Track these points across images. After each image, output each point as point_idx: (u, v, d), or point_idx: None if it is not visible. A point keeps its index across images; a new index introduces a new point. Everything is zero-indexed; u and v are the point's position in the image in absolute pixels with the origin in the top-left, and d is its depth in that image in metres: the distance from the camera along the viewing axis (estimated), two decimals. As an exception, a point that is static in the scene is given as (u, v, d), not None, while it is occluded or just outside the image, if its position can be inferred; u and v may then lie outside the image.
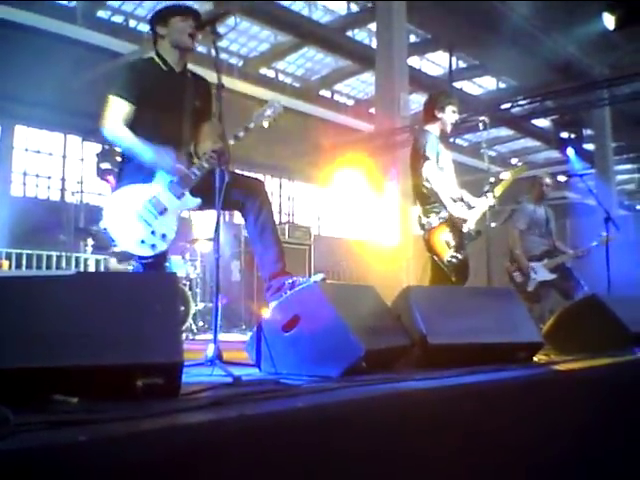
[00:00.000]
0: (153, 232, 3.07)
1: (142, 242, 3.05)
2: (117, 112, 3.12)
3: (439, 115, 4.70)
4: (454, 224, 4.50)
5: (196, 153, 3.33)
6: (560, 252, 6.22)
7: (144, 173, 3.13)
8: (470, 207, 4.65)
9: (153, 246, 3.06)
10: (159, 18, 3.27)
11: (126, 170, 3.19)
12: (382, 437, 1.76)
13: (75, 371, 1.59)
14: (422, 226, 4.62)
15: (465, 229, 4.51)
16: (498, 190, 4.66)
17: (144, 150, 3.09)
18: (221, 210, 2.75)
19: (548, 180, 6.36)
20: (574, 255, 6.26)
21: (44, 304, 1.69)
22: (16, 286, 1.74)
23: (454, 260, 4.46)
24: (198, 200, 3.16)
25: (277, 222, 3.38)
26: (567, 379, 2.65)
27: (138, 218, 3.07)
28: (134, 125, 3.15)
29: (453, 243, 4.48)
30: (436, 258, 4.55)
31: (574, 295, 5.91)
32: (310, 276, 8.59)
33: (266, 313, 2.65)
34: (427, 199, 4.59)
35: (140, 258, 3.11)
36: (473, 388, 2.19)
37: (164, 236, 3.09)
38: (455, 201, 4.58)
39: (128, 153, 3.20)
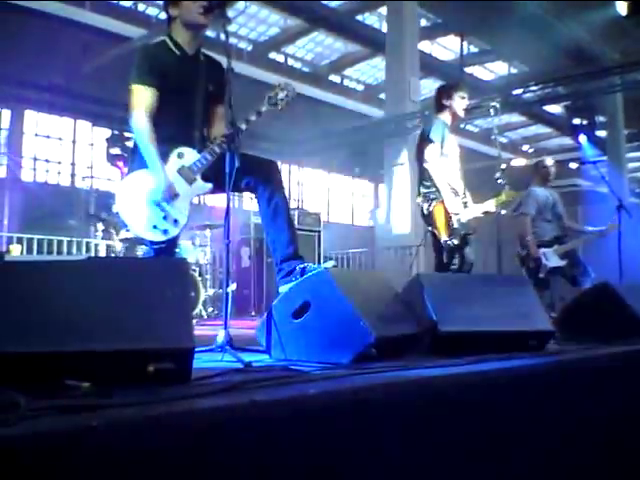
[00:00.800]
0: (165, 217, 3.07)
1: (154, 227, 3.06)
2: (144, 102, 3.10)
3: (447, 103, 4.76)
4: (446, 210, 4.50)
5: (208, 137, 3.31)
6: (573, 232, 6.19)
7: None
8: (466, 206, 4.64)
9: (165, 231, 3.07)
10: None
11: (138, 155, 3.18)
12: (393, 424, 1.76)
13: (86, 356, 1.60)
14: (425, 197, 4.61)
15: (464, 219, 4.50)
16: (497, 202, 4.63)
17: (152, 160, 3.06)
18: (234, 193, 2.76)
19: (549, 162, 6.33)
20: (594, 236, 6.21)
21: (55, 288, 1.69)
22: (28, 270, 1.74)
23: (450, 243, 4.46)
24: (210, 185, 3.16)
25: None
26: (578, 368, 2.64)
27: (149, 203, 3.06)
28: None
29: (454, 225, 4.48)
30: (436, 233, 4.56)
31: (582, 281, 5.90)
32: (320, 263, 8.63)
33: (277, 298, 2.65)
34: (425, 182, 4.62)
35: (152, 243, 3.12)
36: (484, 376, 2.18)
37: (176, 221, 3.09)
38: (456, 192, 4.57)
39: (139, 147, 3.17)
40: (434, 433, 1.89)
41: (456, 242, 4.45)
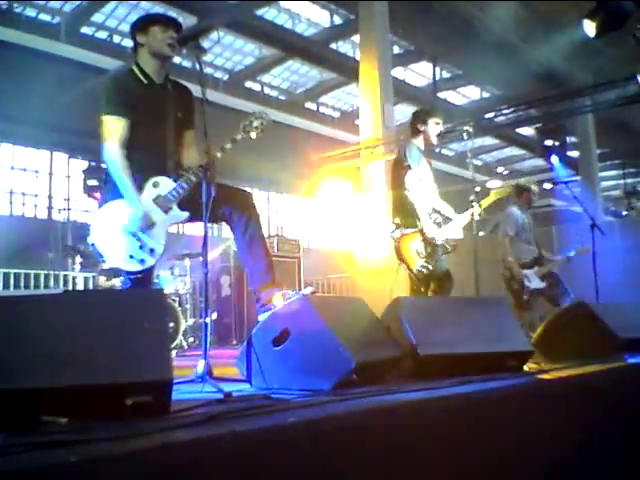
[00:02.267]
0: (141, 247, 3.03)
1: (130, 257, 3.02)
2: (115, 133, 3.09)
3: (422, 128, 4.83)
4: (425, 236, 4.54)
5: (181, 164, 3.30)
6: (546, 258, 6.26)
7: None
8: (445, 221, 4.68)
9: (142, 261, 3.03)
10: (139, 26, 3.25)
11: (112, 186, 3.14)
12: (374, 450, 1.76)
13: (64, 391, 1.58)
14: (392, 234, 4.66)
15: (439, 242, 4.53)
16: (483, 204, 4.70)
17: (127, 189, 3.05)
18: (210, 222, 2.76)
19: (535, 188, 6.42)
20: (561, 262, 6.31)
21: (32, 324, 1.68)
22: (3, 306, 1.72)
23: (424, 270, 4.47)
24: (186, 214, 3.14)
25: (266, 235, 3.38)
26: (557, 387, 2.66)
27: (126, 233, 3.03)
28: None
29: (424, 253, 4.50)
30: (404, 266, 4.59)
31: (561, 302, 5.95)
32: (300, 289, 8.59)
33: (256, 327, 2.64)
34: (403, 208, 4.65)
35: (128, 273, 3.09)
36: (464, 398, 2.19)
37: (152, 251, 3.06)
38: (430, 215, 4.61)
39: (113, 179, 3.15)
40: (417, 456, 1.89)
41: (431, 267, 4.47)
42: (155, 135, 3.18)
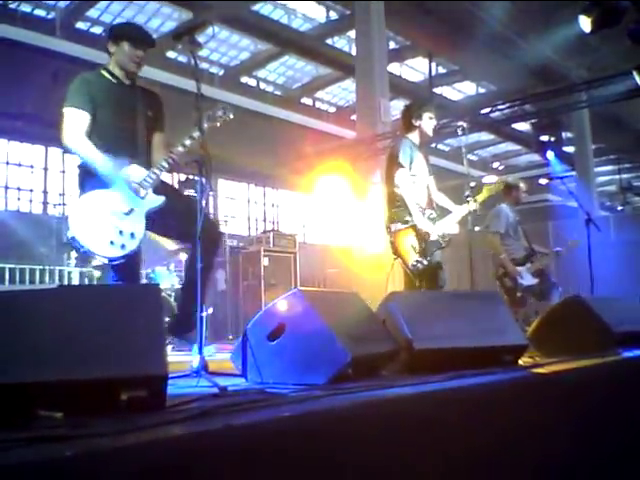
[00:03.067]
0: (121, 232, 3.08)
1: (111, 243, 3.05)
2: (76, 123, 3.18)
3: (416, 123, 4.83)
4: (419, 231, 4.55)
5: (150, 162, 3.35)
6: (537, 253, 6.29)
7: (106, 180, 3.15)
8: (441, 215, 4.69)
9: (123, 246, 3.07)
10: (112, 35, 3.36)
11: (87, 177, 3.21)
12: (369, 444, 1.76)
13: (59, 386, 1.58)
14: (388, 229, 4.68)
15: (433, 237, 4.54)
16: (478, 199, 4.71)
17: (103, 162, 3.12)
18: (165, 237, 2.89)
19: (524, 185, 6.46)
20: (553, 256, 6.34)
21: (26, 319, 1.68)
22: (-2, 301, 1.72)
23: (419, 265, 4.48)
24: (162, 198, 3.20)
25: (261, 230, 3.41)
26: (552, 381, 2.67)
27: (105, 220, 3.07)
28: (92, 137, 3.20)
29: (419, 248, 4.52)
30: (401, 261, 4.60)
31: (549, 296, 5.99)
32: (296, 284, 8.55)
33: (251, 322, 2.65)
34: (396, 203, 4.66)
35: (110, 260, 3.11)
36: (459, 392, 2.19)
37: (132, 235, 3.10)
38: (424, 211, 4.62)
39: (87, 163, 3.21)
40: (412, 450, 1.89)
41: (426, 263, 4.48)
42: (127, 128, 3.26)
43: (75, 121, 3.17)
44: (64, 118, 3.20)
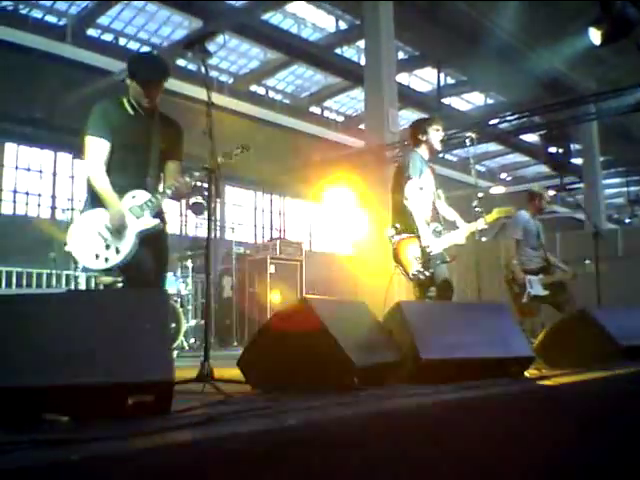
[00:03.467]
0: (107, 246, 3.19)
1: (96, 256, 3.19)
2: (98, 153, 3.26)
3: (423, 138, 4.84)
4: (421, 243, 4.55)
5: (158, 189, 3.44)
6: (554, 267, 6.24)
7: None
8: (446, 229, 4.69)
9: (106, 259, 3.19)
10: (128, 66, 3.37)
11: (89, 198, 3.33)
12: (375, 453, 1.76)
13: (65, 390, 1.59)
14: (391, 237, 4.68)
15: (437, 250, 4.54)
16: (488, 219, 4.68)
17: (109, 197, 3.23)
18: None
19: (547, 195, 6.42)
20: (570, 276, 6.23)
21: (35, 323, 1.69)
22: (6, 304, 1.73)
23: (419, 275, 4.48)
24: (157, 221, 3.29)
25: (268, 238, 3.43)
26: (558, 393, 2.66)
27: (96, 235, 3.21)
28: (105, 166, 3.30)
29: (421, 259, 4.51)
30: (400, 269, 4.60)
31: (565, 309, 5.94)
32: (302, 292, 8.52)
33: (258, 329, 2.65)
34: (403, 213, 4.66)
35: (93, 271, 3.34)
36: (465, 403, 2.19)
37: (117, 250, 3.19)
38: (429, 224, 4.63)
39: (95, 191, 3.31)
40: (417, 460, 1.89)
41: (427, 274, 4.48)
42: (138, 159, 3.33)
43: (96, 151, 3.27)
44: (86, 146, 3.29)
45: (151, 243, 3.27)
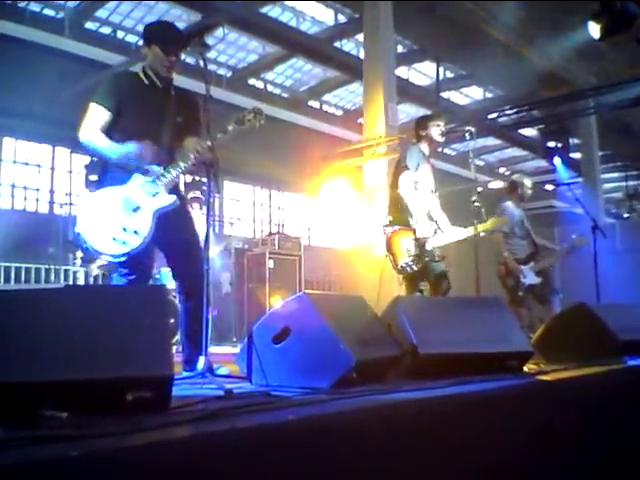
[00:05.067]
0: (125, 228, 3.01)
1: (114, 239, 2.99)
2: (94, 119, 3.15)
3: (424, 133, 4.89)
4: (417, 236, 4.55)
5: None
6: (543, 249, 6.26)
7: (120, 178, 3.12)
8: (439, 229, 4.70)
9: (124, 242, 3.00)
10: (144, 36, 3.31)
11: (104, 176, 3.20)
12: (373, 449, 1.76)
13: (64, 385, 1.59)
14: (384, 227, 4.69)
15: (428, 247, 4.55)
16: (481, 228, 4.66)
17: (119, 148, 3.09)
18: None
19: (528, 182, 6.43)
20: (560, 254, 6.30)
21: (33, 318, 1.68)
22: (4, 300, 1.73)
23: (408, 269, 4.49)
24: (173, 197, 3.13)
25: (267, 233, 3.40)
26: (557, 388, 2.66)
27: (110, 217, 3.02)
28: (114, 135, 3.16)
29: (413, 252, 4.52)
30: (390, 259, 4.61)
31: (550, 300, 5.98)
32: (301, 287, 8.49)
33: (256, 324, 2.65)
34: (398, 206, 4.67)
35: (114, 257, 3.05)
36: (464, 398, 2.19)
37: (136, 232, 3.02)
38: (426, 218, 4.64)
39: (104, 157, 3.20)
40: (416, 456, 1.89)
41: (415, 268, 4.49)
42: (150, 131, 3.17)
43: (93, 117, 3.15)
44: (86, 112, 3.18)
45: (171, 224, 3.11)
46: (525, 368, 3.04)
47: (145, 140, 3.09)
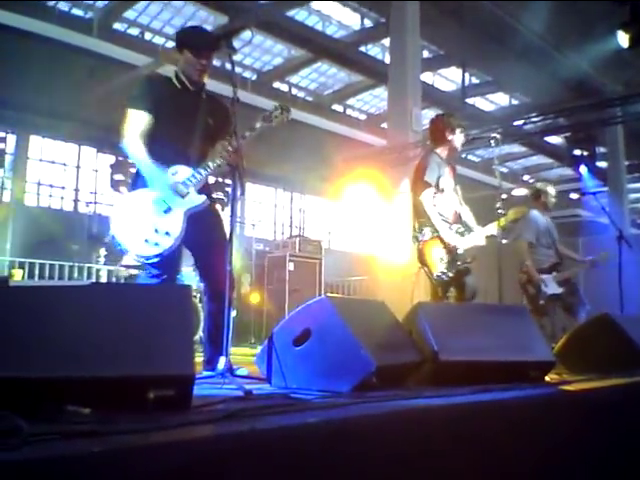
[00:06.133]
0: (157, 230, 3.06)
1: (146, 241, 3.04)
2: (136, 124, 3.17)
3: (450, 137, 4.73)
4: (447, 243, 4.52)
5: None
6: (567, 259, 6.20)
7: (149, 181, 3.17)
8: (467, 229, 4.66)
9: (156, 244, 3.05)
10: (176, 42, 3.35)
11: (137, 178, 3.25)
12: (392, 453, 1.75)
13: (87, 382, 1.60)
14: (415, 238, 4.65)
15: (460, 251, 4.52)
16: (502, 222, 4.63)
17: (152, 170, 3.13)
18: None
19: (552, 190, 6.37)
20: (583, 266, 6.23)
21: (58, 314, 1.70)
22: (32, 295, 1.75)
23: (443, 277, 4.46)
24: (203, 197, 3.17)
25: (288, 236, 3.40)
26: (579, 399, 2.63)
27: (142, 218, 3.08)
28: (148, 138, 3.19)
29: (445, 260, 4.49)
30: (426, 270, 4.58)
31: (577, 311, 5.91)
32: (321, 290, 8.50)
33: (277, 326, 2.65)
34: (424, 213, 4.63)
35: (146, 258, 3.10)
36: (484, 406, 2.17)
37: (168, 233, 3.07)
38: (450, 226, 4.60)
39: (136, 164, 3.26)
40: (435, 462, 1.88)
41: (451, 275, 4.46)
42: (182, 138, 3.22)
43: (133, 123, 3.18)
44: (125, 118, 3.21)
45: (200, 224, 3.15)
46: (547, 378, 3.01)
47: (175, 156, 3.15)
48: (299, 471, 1.53)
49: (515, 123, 11.51)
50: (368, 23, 13.88)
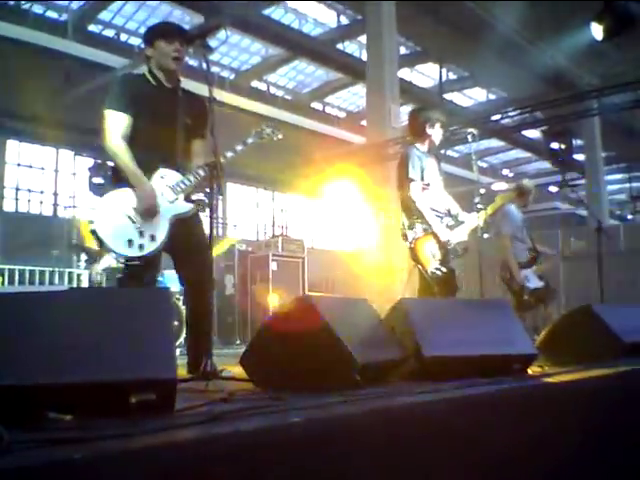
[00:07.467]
0: (142, 233, 3.03)
1: (129, 242, 3.01)
2: (116, 126, 3.12)
3: (429, 131, 4.70)
4: (439, 239, 4.52)
5: (187, 169, 3.30)
6: (542, 254, 6.27)
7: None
8: (457, 222, 4.66)
9: (141, 246, 3.02)
10: (146, 39, 3.31)
11: (117, 175, 3.18)
12: (376, 451, 1.75)
13: (68, 388, 1.58)
14: (405, 236, 4.63)
15: (450, 245, 4.53)
16: (489, 209, 4.66)
17: (134, 174, 3.08)
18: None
19: (531, 186, 6.44)
20: (552, 258, 6.30)
21: (37, 320, 1.68)
22: (9, 302, 1.73)
23: (438, 272, 4.46)
24: (190, 205, 3.16)
25: (270, 235, 3.40)
26: (561, 391, 2.65)
27: (127, 219, 3.04)
28: (130, 140, 3.15)
29: (438, 255, 4.49)
30: (420, 268, 4.57)
31: (549, 302, 5.99)
32: (304, 289, 8.49)
33: (260, 326, 2.65)
34: (413, 211, 4.60)
35: (127, 260, 3.06)
36: (468, 401, 2.18)
37: (153, 237, 3.04)
38: (441, 218, 4.60)
39: (120, 167, 3.18)
40: (420, 458, 1.88)
41: (444, 270, 4.46)
42: (162, 133, 3.18)
43: (114, 124, 3.12)
44: (105, 120, 3.15)
45: (181, 227, 3.12)
46: (529, 371, 3.03)
47: (158, 156, 3.13)
48: (284, 472, 1.52)
49: (493, 118, 11.61)
50: (344, 20, 13.91)
